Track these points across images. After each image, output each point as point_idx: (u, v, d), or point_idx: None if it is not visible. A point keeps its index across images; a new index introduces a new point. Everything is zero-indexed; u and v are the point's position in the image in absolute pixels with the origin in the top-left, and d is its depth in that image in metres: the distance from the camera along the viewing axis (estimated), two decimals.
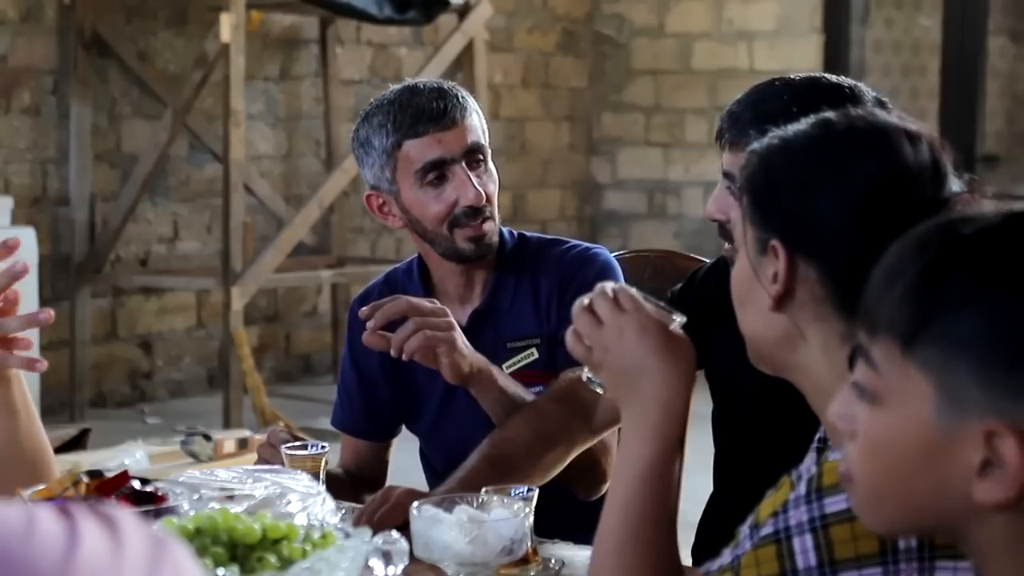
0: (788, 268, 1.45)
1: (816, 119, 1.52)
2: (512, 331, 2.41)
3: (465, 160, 2.34)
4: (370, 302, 2.40)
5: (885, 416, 1.14)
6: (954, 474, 1.10)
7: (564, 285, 2.39)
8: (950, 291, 1.10)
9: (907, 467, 1.13)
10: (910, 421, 1.12)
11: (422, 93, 2.35)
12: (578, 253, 2.44)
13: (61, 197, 6.41)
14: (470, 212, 2.34)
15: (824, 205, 1.44)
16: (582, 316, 1.58)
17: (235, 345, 6.12)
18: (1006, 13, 9.36)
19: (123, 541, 0.80)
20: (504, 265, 2.44)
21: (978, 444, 1.08)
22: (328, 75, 7.29)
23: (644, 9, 8.39)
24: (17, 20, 6.21)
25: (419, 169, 2.34)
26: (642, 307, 1.56)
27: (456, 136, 2.34)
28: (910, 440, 1.12)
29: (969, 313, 1.09)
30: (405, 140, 2.34)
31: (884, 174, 1.45)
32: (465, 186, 2.33)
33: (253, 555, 1.61)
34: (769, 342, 1.51)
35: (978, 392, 1.08)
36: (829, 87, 2.06)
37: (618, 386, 1.57)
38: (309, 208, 6.49)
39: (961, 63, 7.73)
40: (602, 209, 8.65)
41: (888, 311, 1.13)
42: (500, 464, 2.11)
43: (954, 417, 1.09)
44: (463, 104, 2.36)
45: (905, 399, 1.12)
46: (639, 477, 1.53)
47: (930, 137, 1.48)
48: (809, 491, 1.37)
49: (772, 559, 1.38)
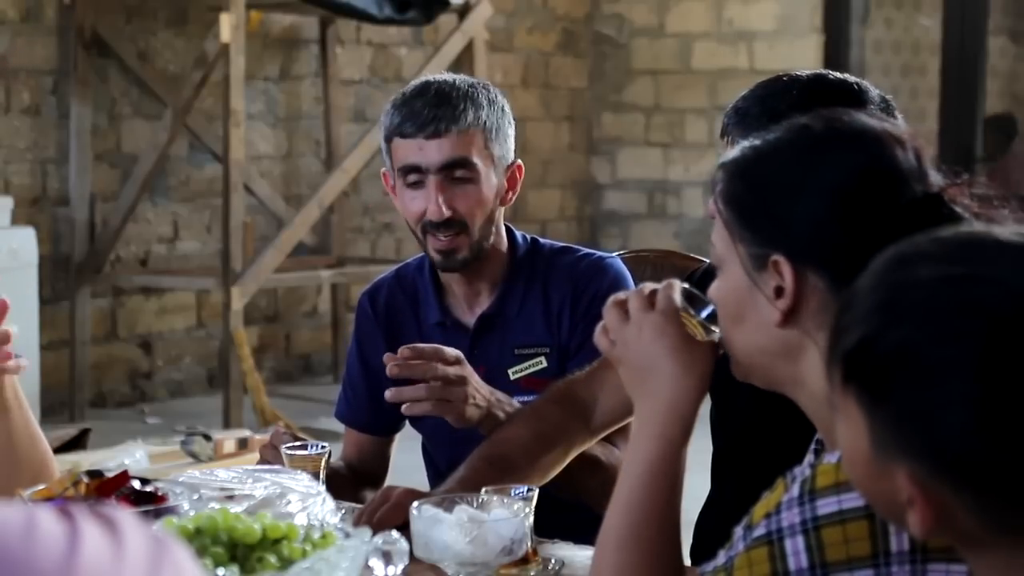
0: (795, 282, 1.45)
1: (790, 124, 1.52)
2: (520, 337, 2.40)
3: (441, 174, 2.33)
4: (380, 297, 2.45)
5: (841, 427, 1.18)
6: (895, 499, 1.13)
7: (577, 295, 2.39)
8: (874, 343, 1.13)
9: (863, 476, 1.17)
10: (856, 441, 1.15)
11: (426, 95, 2.35)
12: (591, 263, 2.43)
13: (61, 197, 6.41)
14: (433, 224, 2.34)
15: (820, 210, 1.44)
16: (612, 309, 1.60)
17: (235, 345, 6.12)
18: (1006, 13, 9.37)
19: (124, 542, 0.81)
20: (514, 271, 2.43)
21: (905, 487, 1.11)
22: (328, 75, 7.28)
23: (644, 9, 8.39)
24: (17, 20, 6.21)
25: (399, 168, 2.37)
26: (670, 309, 1.57)
27: (437, 147, 2.33)
28: (860, 461, 1.16)
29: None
30: (394, 136, 2.37)
31: (870, 169, 1.45)
32: (430, 200, 2.34)
33: (253, 555, 1.61)
34: (767, 356, 1.50)
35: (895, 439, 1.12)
36: (836, 83, 2.06)
37: (632, 383, 1.58)
38: (309, 208, 6.49)
39: (961, 63, 7.72)
40: (602, 209, 8.64)
41: (840, 341, 1.16)
42: (499, 463, 2.11)
43: (884, 458, 1.13)
44: (460, 115, 2.33)
45: (848, 418, 1.16)
46: (642, 475, 1.54)
47: (911, 136, 1.48)
48: (802, 493, 1.37)
49: (764, 560, 1.38)
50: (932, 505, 1.10)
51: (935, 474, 1.09)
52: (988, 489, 1.08)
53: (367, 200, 7.62)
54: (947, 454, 1.08)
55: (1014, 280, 1.10)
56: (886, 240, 1.18)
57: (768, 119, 1.88)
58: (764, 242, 1.47)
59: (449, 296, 2.46)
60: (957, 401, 1.07)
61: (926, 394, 1.09)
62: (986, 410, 1.06)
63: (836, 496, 1.34)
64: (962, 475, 1.08)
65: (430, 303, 2.46)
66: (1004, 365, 1.06)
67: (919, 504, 1.10)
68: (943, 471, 1.09)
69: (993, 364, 1.07)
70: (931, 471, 1.09)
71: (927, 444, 1.09)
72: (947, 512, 1.10)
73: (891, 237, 1.18)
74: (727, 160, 1.54)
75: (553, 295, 2.41)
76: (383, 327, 2.47)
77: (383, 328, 2.47)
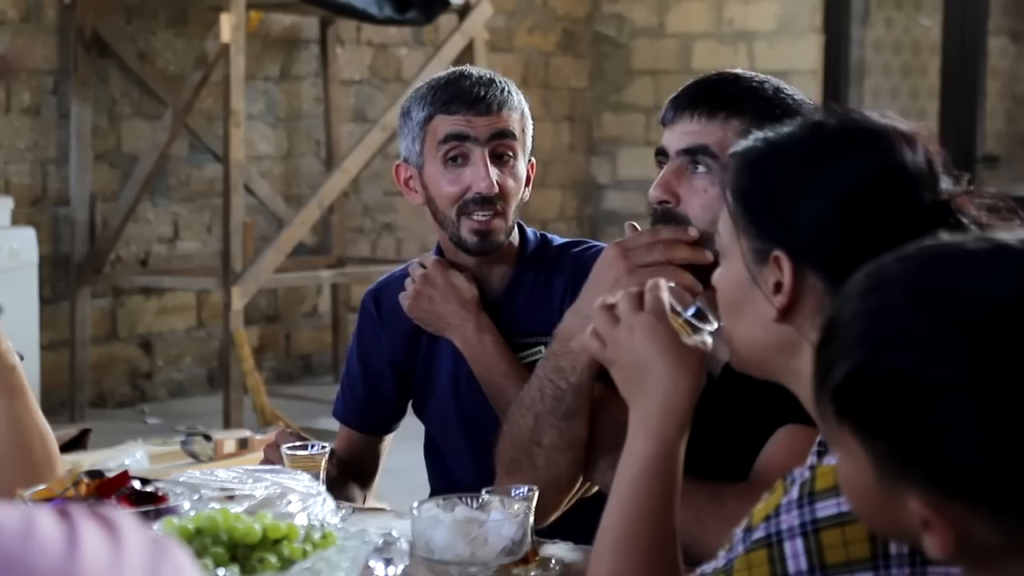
0: (794, 280, 1.45)
1: (803, 120, 1.52)
2: (521, 327, 2.40)
3: (490, 147, 2.33)
4: (384, 297, 2.44)
5: (841, 462, 1.18)
6: (904, 524, 1.12)
7: (578, 285, 2.39)
8: (868, 375, 1.12)
9: (870, 511, 1.17)
10: (858, 473, 1.15)
11: (470, 78, 2.37)
12: (593, 254, 2.44)
13: (61, 197, 6.40)
14: (479, 200, 2.32)
15: (825, 212, 1.44)
16: (600, 313, 1.60)
17: (235, 345, 6.12)
18: (1006, 13, 9.36)
19: (123, 544, 0.81)
20: (525, 263, 2.43)
21: (916, 515, 1.11)
22: (328, 75, 7.28)
23: (644, 9, 8.39)
24: (17, 20, 6.21)
25: (441, 140, 2.34)
26: (659, 308, 1.57)
27: (487, 123, 2.33)
28: (865, 494, 1.15)
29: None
30: (437, 114, 2.35)
31: (879, 174, 1.44)
32: (480, 172, 2.32)
33: (253, 555, 1.61)
34: (764, 350, 1.50)
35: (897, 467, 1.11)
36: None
37: (626, 383, 1.59)
38: (309, 208, 6.49)
39: (961, 63, 7.72)
40: (602, 209, 8.64)
41: (827, 378, 1.15)
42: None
43: (891, 489, 1.12)
44: (507, 99, 2.36)
45: (849, 455, 1.15)
46: (638, 476, 1.54)
47: (924, 137, 1.48)
48: (801, 495, 1.37)
49: (763, 563, 1.38)
50: (949, 525, 1.09)
51: (947, 495, 1.08)
52: (1002, 501, 1.07)
53: (367, 200, 7.62)
54: (956, 474, 1.07)
55: (986, 290, 1.09)
56: (889, 247, 1.18)
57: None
58: (767, 237, 1.47)
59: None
60: (957, 421, 1.07)
61: (925, 420, 1.08)
62: (987, 424, 1.06)
63: (836, 498, 1.34)
64: (974, 492, 1.07)
65: None
66: (994, 376, 1.06)
67: (936, 526, 1.09)
68: (955, 491, 1.08)
69: (983, 378, 1.06)
70: (943, 492, 1.08)
71: (935, 467, 1.08)
72: (965, 530, 1.09)
73: (895, 244, 1.18)
74: (738, 150, 1.54)
75: (555, 285, 2.41)
76: (387, 327, 2.47)
77: (387, 328, 2.47)
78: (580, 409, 2.01)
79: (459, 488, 1.96)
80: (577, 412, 2.01)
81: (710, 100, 1.98)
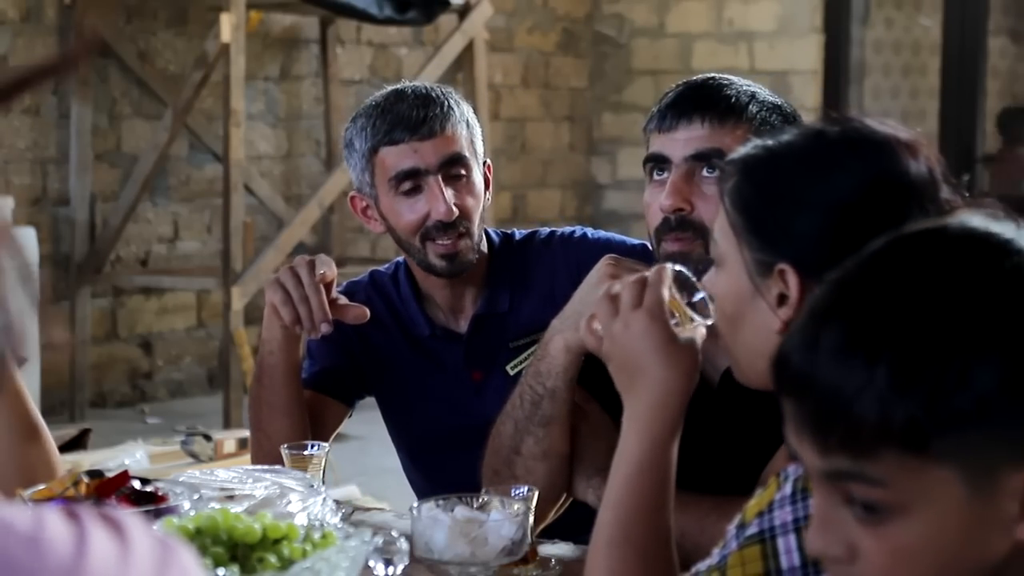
0: (801, 292, 1.44)
1: (804, 128, 1.51)
2: (513, 331, 2.38)
3: (441, 172, 2.30)
4: (357, 300, 2.31)
5: (912, 524, 1.05)
6: (995, 531, 1.05)
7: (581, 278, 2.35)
8: (941, 374, 1.02)
9: (949, 554, 1.05)
10: (943, 516, 1.04)
11: (406, 99, 2.32)
12: (577, 241, 2.41)
13: (61, 197, 6.41)
14: (440, 227, 2.30)
15: (830, 223, 1.43)
16: (604, 302, 1.59)
17: (235, 345, 6.12)
18: (1006, 13, 9.36)
19: (131, 545, 0.81)
20: (496, 269, 2.41)
21: (1016, 494, 1.04)
22: (328, 75, 7.29)
23: (644, 9, 8.39)
24: (17, 20, 6.21)
25: (392, 177, 2.31)
26: (656, 306, 1.56)
27: (433, 147, 2.30)
28: (949, 532, 1.04)
29: (970, 384, 1.01)
30: (381, 146, 2.31)
31: (880, 185, 1.44)
32: (437, 200, 2.29)
33: (253, 555, 1.61)
34: (767, 360, 1.50)
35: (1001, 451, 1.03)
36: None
37: (620, 380, 1.58)
38: (309, 208, 6.49)
39: (961, 63, 7.73)
40: (602, 209, 8.64)
41: (871, 424, 1.03)
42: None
43: (987, 486, 1.03)
44: (447, 114, 2.31)
45: (930, 497, 1.04)
46: (631, 473, 1.54)
47: (924, 145, 1.47)
48: (794, 491, 1.37)
49: (757, 559, 1.38)
50: None
51: None
52: None
53: None
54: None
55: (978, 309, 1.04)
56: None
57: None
58: (771, 250, 1.47)
59: (431, 307, 2.42)
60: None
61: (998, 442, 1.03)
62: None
63: None
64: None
65: (415, 316, 2.41)
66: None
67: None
68: None
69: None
70: None
71: None
72: None
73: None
74: (737, 157, 1.53)
75: (537, 279, 2.38)
76: (357, 327, 2.32)
77: (356, 327, 2.32)
78: (556, 417, 1.96)
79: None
80: (553, 419, 1.96)
81: (717, 105, 1.98)
